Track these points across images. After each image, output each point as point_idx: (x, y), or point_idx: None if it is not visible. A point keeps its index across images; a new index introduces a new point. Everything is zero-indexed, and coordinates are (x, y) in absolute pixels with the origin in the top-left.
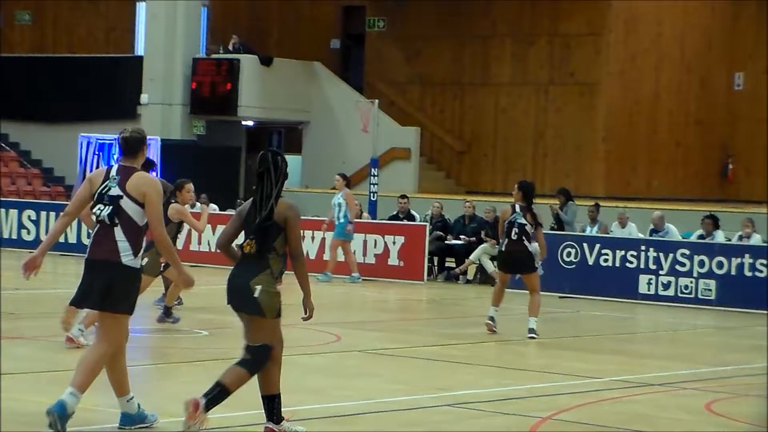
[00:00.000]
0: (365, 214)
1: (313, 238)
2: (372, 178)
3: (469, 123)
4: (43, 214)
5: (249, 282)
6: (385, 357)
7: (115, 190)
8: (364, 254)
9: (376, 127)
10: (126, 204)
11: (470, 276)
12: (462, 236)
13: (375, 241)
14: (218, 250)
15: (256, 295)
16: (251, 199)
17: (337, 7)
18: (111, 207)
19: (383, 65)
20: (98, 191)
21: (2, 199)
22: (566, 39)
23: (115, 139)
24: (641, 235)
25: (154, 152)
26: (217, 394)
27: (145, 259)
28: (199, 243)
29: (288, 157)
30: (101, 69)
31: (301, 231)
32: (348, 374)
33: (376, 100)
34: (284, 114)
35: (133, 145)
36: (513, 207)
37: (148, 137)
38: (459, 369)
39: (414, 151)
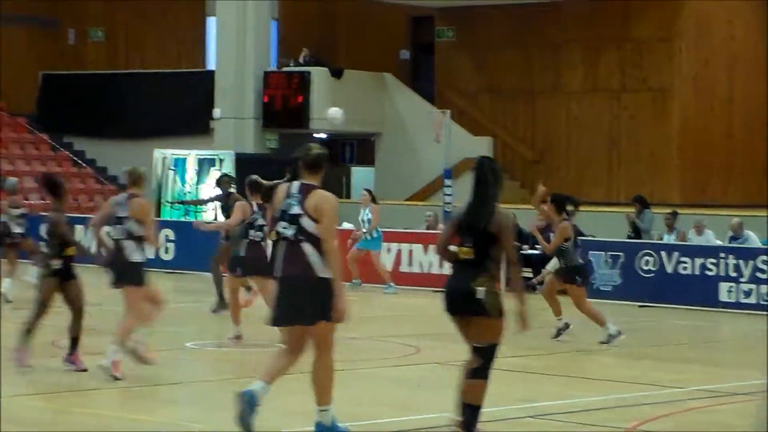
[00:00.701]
0: (440, 225)
1: (389, 250)
2: (445, 189)
3: (541, 132)
4: None
5: (470, 284)
6: None
7: (296, 209)
8: (441, 265)
9: (448, 137)
10: (305, 222)
11: None
12: (537, 246)
13: None
14: (437, 254)
15: (479, 296)
16: (465, 204)
17: (405, 17)
18: (294, 226)
19: (453, 75)
20: (281, 209)
21: (80, 215)
22: (637, 44)
23: (188, 153)
24: (719, 242)
25: (228, 166)
26: (472, 415)
27: None
28: None
29: (360, 170)
30: (173, 84)
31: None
32: (428, 387)
33: (448, 111)
34: (356, 126)
35: (314, 163)
36: (573, 225)
37: (220, 152)
38: (540, 380)
39: None
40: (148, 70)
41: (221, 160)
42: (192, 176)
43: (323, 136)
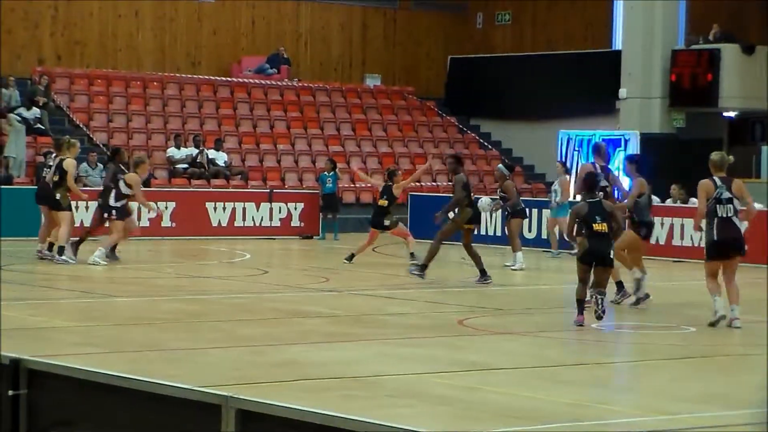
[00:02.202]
0: None
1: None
2: None
3: None
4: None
5: None
6: None
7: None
8: None
9: None
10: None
11: None
12: None
13: None
14: None
15: None
16: None
17: None
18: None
19: None
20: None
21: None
22: None
23: (593, 134)
24: None
25: (633, 147)
26: None
27: None
28: (682, 238)
29: None
30: (579, 65)
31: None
32: None
33: None
34: (766, 104)
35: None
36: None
37: (625, 132)
38: None
39: None
40: (554, 51)
41: (626, 141)
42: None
43: (732, 114)
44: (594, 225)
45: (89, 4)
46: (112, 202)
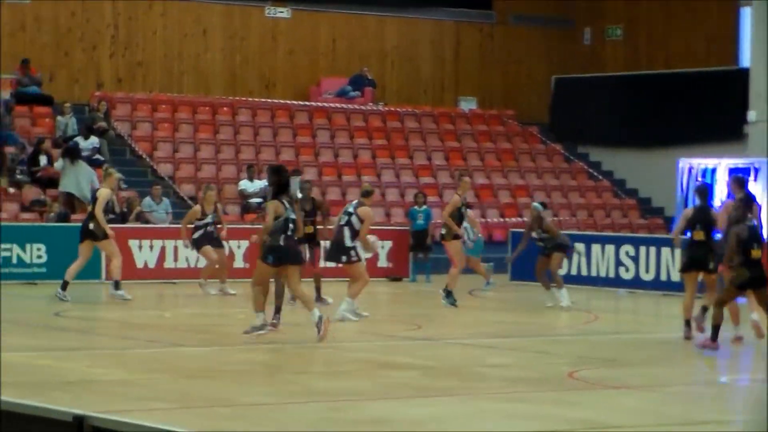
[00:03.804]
0: None
1: None
2: None
3: None
4: (642, 249)
5: None
6: None
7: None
8: None
9: None
10: None
11: None
12: None
13: None
14: None
15: None
16: None
17: None
18: None
19: None
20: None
21: (600, 234)
22: None
23: (718, 162)
24: None
25: (764, 177)
26: None
27: None
28: None
29: None
30: (701, 85)
31: None
32: None
33: None
34: None
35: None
36: None
37: (755, 160)
38: None
39: None
40: (672, 70)
41: (756, 170)
42: (723, 189)
43: None
44: (752, 251)
45: (152, 23)
46: (348, 242)
